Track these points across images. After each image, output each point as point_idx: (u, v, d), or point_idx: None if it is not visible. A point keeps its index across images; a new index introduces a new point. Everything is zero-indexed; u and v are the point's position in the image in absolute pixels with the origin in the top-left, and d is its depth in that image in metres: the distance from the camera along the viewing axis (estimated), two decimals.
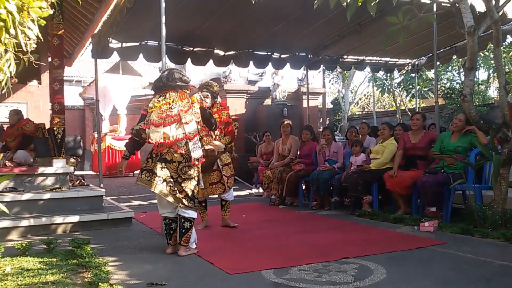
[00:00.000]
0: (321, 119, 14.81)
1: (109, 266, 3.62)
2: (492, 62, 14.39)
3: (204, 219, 5.36)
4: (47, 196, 5.51)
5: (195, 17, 7.30)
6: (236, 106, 12.07)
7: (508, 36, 8.70)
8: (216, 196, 5.39)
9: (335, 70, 15.44)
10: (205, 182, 5.02)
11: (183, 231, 4.00)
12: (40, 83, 9.30)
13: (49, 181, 5.95)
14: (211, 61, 8.84)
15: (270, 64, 9.63)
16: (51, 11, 2.46)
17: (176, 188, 3.95)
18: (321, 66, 10.56)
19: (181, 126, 3.94)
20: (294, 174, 7.02)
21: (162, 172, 3.94)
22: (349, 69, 11.99)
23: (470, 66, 4.74)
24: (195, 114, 4.06)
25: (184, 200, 3.95)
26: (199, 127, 4.16)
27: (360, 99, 26.68)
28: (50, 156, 6.24)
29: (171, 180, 3.95)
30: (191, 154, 3.97)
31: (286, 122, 7.68)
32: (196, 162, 4.02)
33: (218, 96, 5.26)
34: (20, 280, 3.23)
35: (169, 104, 3.97)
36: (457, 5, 4.73)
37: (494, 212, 4.61)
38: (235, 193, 8.79)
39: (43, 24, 2.44)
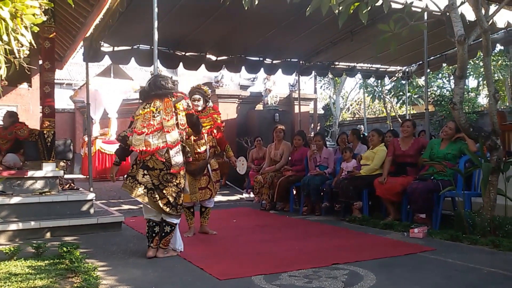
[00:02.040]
0: (312, 125, 14.83)
1: (98, 271, 3.60)
2: (482, 70, 14.56)
3: (191, 226, 5.20)
4: (36, 199, 5.46)
5: (188, 22, 7.31)
6: (228, 111, 12.07)
7: (498, 45, 8.82)
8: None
9: (327, 76, 15.52)
10: (195, 187, 4.98)
11: (163, 234, 4.07)
12: (30, 86, 9.21)
13: (39, 184, 5.89)
14: (203, 66, 8.86)
15: (262, 69, 9.67)
16: (44, 18, 2.46)
17: (157, 195, 3.97)
18: (313, 72, 10.62)
19: (163, 135, 3.98)
20: (285, 179, 7.02)
21: (144, 179, 3.98)
22: (341, 75, 12.08)
23: (460, 74, 4.79)
24: (179, 122, 4.09)
25: (165, 208, 3.98)
26: (185, 134, 4.21)
27: (351, 105, 26.88)
28: (39, 159, 6.19)
29: (152, 187, 3.98)
30: (172, 162, 3.98)
31: (279, 127, 7.67)
32: (176, 170, 4.01)
33: (210, 100, 5.25)
34: (8, 285, 3.20)
35: (153, 112, 4.03)
36: (447, 14, 4.78)
37: (483, 219, 4.65)
38: (226, 198, 8.85)
39: (36, 31, 2.43)
